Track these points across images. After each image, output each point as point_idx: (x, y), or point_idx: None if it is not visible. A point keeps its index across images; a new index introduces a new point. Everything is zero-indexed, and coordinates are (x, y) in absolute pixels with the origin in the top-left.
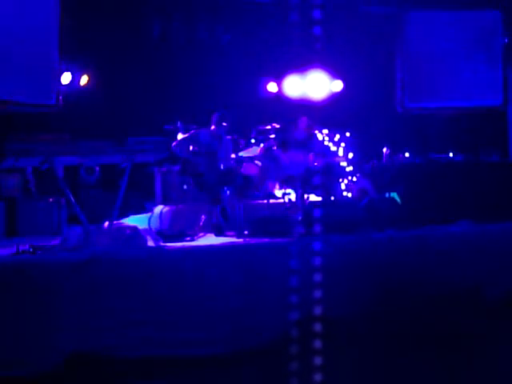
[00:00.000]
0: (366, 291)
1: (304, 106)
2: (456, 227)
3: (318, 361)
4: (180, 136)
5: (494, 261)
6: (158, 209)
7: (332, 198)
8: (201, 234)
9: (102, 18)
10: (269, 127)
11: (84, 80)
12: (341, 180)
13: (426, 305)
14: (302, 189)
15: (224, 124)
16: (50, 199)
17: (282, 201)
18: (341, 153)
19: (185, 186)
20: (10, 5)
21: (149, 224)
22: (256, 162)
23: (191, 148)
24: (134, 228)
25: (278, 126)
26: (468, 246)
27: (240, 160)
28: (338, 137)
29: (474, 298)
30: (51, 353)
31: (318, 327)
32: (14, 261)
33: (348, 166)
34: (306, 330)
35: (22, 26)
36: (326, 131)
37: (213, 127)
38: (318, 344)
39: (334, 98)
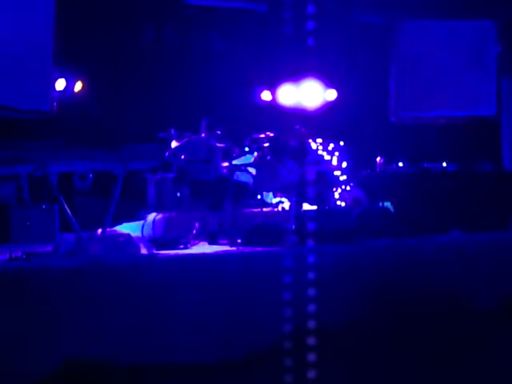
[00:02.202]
0: (360, 300)
1: (298, 115)
2: (449, 237)
3: (311, 370)
4: (174, 144)
5: (486, 270)
6: (152, 216)
7: (326, 207)
8: (194, 242)
9: (96, 25)
10: (263, 136)
11: (78, 86)
12: (334, 189)
13: (420, 314)
14: (295, 198)
15: (218, 132)
16: (44, 206)
17: (275, 209)
18: (334, 162)
19: (178, 194)
20: (5, 12)
21: (142, 232)
22: (250, 170)
23: (183, 157)
24: (127, 235)
25: (271, 135)
26: (461, 255)
27: (234, 168)
28: (331, 146)
29: (467, 306)
30: (46, 361)
31: (311, 336)
32: (6, 268)
33: (342, 175)
34: (299, 338)
35: (16, 33)
36: (319, 140)
37: (203, 135)
38: (311, 352)
39: (328, 107)
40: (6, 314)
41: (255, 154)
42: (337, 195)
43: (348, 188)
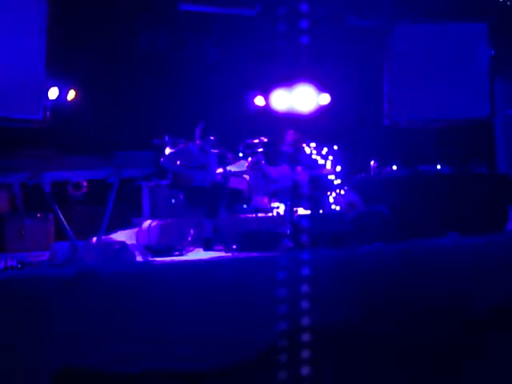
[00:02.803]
0: (354, 304)
1: (291, 120)
2: (444, 240)
3: (305, 372)
4: (168, 150)
5: (482, 273)
6: (146, 223)
7: (320, 212)
8: (189, 249)
9: (89, 33)
10: (256, 141)
11: (71, 95)
12: (329, 193)
13: (415, 318)
14: (290, 202)
15: (212, 138)
16: (38, 215)
17: (270, 214)
18: (328, 166)
19: (173, 201)
20: None
21: (137, 239)
22: (244, 175)
23: (179, 162)
24: (122, 243)
25: (265, 140)
26: (456, 258)
27: (228, 174)
28: (325, 150)
29: (462, 310)
30: (41, 368)
31: (306, 339)
32: (1, 277)
33: (336, 179)
34: (295, 342)
35: (8, 41)
36: (313, 144)
37: (198, 141)
38: (306, 355)
39: (322, 112)
40: (1, 323)
41: (249, 159)
42: (331, 199)
43: (342, 192)
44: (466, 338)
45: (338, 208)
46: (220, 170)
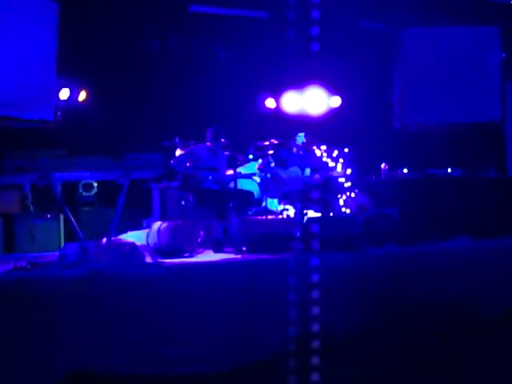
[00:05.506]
0: (364, 307)
1: (302, 122)
2: (454, 243)
3: (316, 377)
4: (178, 152)
5: (491, 277)
6: (156, 225)
7: (330, 214)
8: (199, 251)
9: (100, 35)
10: (267, 143)
11: (82, 96)
12: (339, 196)
13: (424, 321)
14: (300, 205)
15: (222, 140)
16: (48, 215)
17: (280, 217)
18: (339, 169)
19: (183, 202)
20: (9, 23)
21: (147, 240)
22: (254, 178)
23: (189, 164)
24: (133, 244)
25: (276, 142)
26: (466, 261)
27: (238, 176)
28: (336, 153)
29: (474, 313)
30: (50, 371)
31: (316, 343)
32: (11, 277)
33: (346, 181)
34: (305, 347)
35: (20, 42)
36: (324, 147)
37: (208, 143)
38: (316, 360)
39: (332, 114)
40: (10, 324)
41: (259, 161)
42: (342, 202)
43: (353, 195)
44: (479, 340)
45: (348, 211)
46: (230, 172)
